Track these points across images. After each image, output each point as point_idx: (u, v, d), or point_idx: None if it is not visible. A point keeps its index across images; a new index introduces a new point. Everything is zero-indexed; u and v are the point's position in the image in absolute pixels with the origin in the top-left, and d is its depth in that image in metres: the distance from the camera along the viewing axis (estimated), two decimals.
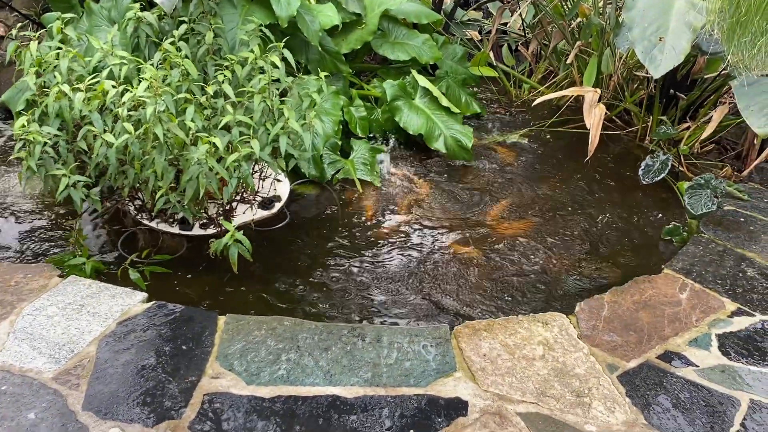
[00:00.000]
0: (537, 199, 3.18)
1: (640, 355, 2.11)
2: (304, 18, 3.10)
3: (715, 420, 1.90)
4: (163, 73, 2.44)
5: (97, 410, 1.77)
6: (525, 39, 4.56)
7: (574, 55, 3.87)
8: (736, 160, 3.52)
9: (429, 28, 3.93)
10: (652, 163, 3.15)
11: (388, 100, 3.41)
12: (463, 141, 3.39)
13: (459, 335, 2.13)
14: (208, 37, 2.71)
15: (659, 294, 2.39)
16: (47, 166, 2.34)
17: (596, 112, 3.26)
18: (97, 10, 2.99)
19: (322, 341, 2.05)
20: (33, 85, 2.44)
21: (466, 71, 3.92)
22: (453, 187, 3.23)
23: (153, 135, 2.27)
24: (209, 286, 2.47)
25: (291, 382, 1.91)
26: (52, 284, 2.21)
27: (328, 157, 3.17)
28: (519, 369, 2.01)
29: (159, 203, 2.37)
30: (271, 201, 2.89)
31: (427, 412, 1.84)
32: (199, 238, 2.64)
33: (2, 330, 2.01)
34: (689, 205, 2.81)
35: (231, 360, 1.96)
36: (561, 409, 1.89)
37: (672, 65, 2.83)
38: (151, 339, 2.02)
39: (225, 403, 1.82)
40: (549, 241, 2.89)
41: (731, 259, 2.61)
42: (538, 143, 3.72)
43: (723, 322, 2.28)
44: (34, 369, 1.88)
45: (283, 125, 2.47)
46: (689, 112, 3.68)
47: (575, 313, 2.28)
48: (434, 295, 2.53)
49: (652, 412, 1.91)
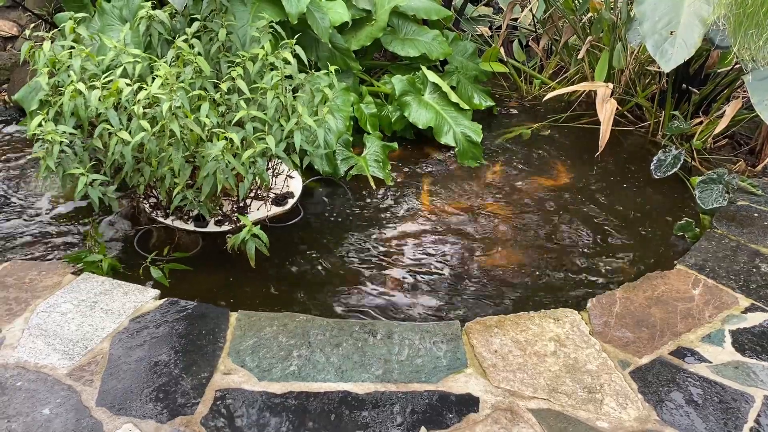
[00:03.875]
0: (547, 194, 3.17)
1: (652, 351, 2.10)
2: (314, 15, 3.11)
3: (728, 416, 1.89)
4: (176, 70, 2.45)
5: (111, 406, 1.79)
6: (536, 34, 4.54)
7: (585, 50, 3.85)
8: (750, 155, 3.49)
9: (439, 24, 3.92)
10: (665, 157, 3.13)
11: (397, 96, 3.41)
12: (472, 137, 3.38)
13: (470, 331, 2.13)
14: (221, 34, 2.72)
15: (672, 290, 2.38)
16: (65, 165, 2.36)
17: (607, 107, 3.24)
18: (109, 9, 3.01)
19: (333, 337, 2.06)
20: (45, 85, 2.46)
21: (476, 67, 3.91)
22: (464, 182, 3.23)
23: (169, 132, 2.28)
24: (224, 282, 2.48)
25: (302, 378, 1.92)
26: (66, 281, 2.24)
27: (341, 154, 3.17)
28: (530, 365, 2.01)
29: (176, 200, 2.39)
30: (285, 197, 2.90)
31: (439, 408, 1.84)
32: (214, 235, 2.66)
33: (17, 327, 2.03)
34: (700, 200, 2.79)
35: (243, 356, 1.97)
36: (573, 406, 1.88)
37: (683, 59, 2.80)
38: (164, 335, 2.03)
39: (237, 399, 1.84)
40: (559, 236, 2.88)
41: (745, 255, 2.59)
42: (549, 138, 3.70)
43: (736, 317, 2.26)
44: (48, 365, 1.91)
45: (296, 121, 2.47)
46: (702, 107, 3.65)
47: (587, 309, 2.27)
48: (446, 290, 2.53)
49: (664, 408, 1.90)
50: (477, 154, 3.40)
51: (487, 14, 4.91)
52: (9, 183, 2.96)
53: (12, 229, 2.69)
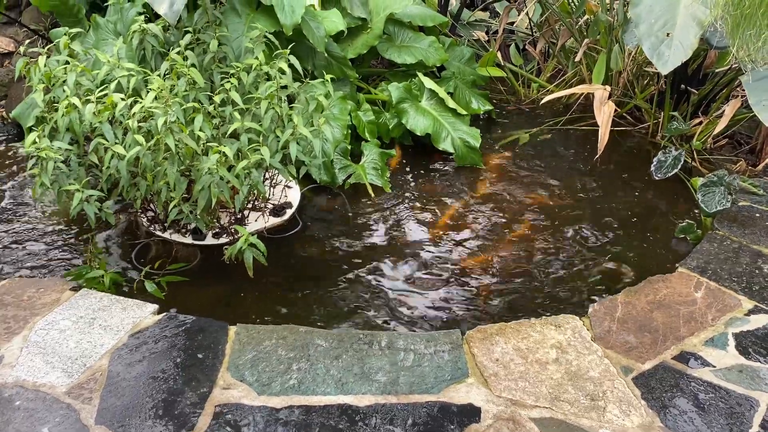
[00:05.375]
0: (546, 198, 3.15)
1: (655, 357, 2.08)
2: (309, 25, 3.10)
3: (733, 421, 1.87)
4: (170, 83, 2.45)
5: (110, 424, 1.78)
6: (533, 38, 4.53)
7: (582, 53, 3.84)
8: (751, 154, 3.47)
9: (435, 31, 3.92)
10: (665, 158, 3.11)
11: (394, 103, 3.40)
12: (470, 142, 3.37)
13: (471, 340, 2.11)
14: (212, 45, 2.72)
15: (674, 293, 2.36)
16: (60, 181, 2.36)
17: (605, 109, 3.23)
18: (103, 23, 3.01)
19: (333, 349, 2.05)
20: (41, 102, 2.46)
21: (474, 72, 3.90)
22: (462, 188, 3.22)
23: (165, 146, 2.27)
24: (223, 295, 2.47)
25: (302, 392, 1.90)
26: (64, 298, 2.23)
27: (339, 162, 3.16)
28: (532, 373, 1.99)
29: (172, 214, 2.38)
30: (283, 208, 2.89)
31: (440, 420, 1.83)
32: (211, 247, 2.65)
33: (15, 345, 2.02)
34: (703, 204, 2.77)
35: (242, 370, 1.96)
36: (575, 414, 1.86)
37: (680, 61, 2.79)
38: (163, 351, 2.02)
39: (237, 414, 1.82)
40: (559, 239, 2.86)
41: (747, 256, 2.57)
42: (547, 141, 3.69)
43: (740, 320, 2.24)
44: (47, 383, 1.89)
45: (292, 131, 2.46)
46: (701, 107, 3.63)
47: (588, 314, 2.25)
48: (446, 298, 2.52)
49: (668, 414, 1.88)
50: (476, 159, 3.39)
51: (484, 19, 4.91)
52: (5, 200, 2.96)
53: (10, 245, 2.68)
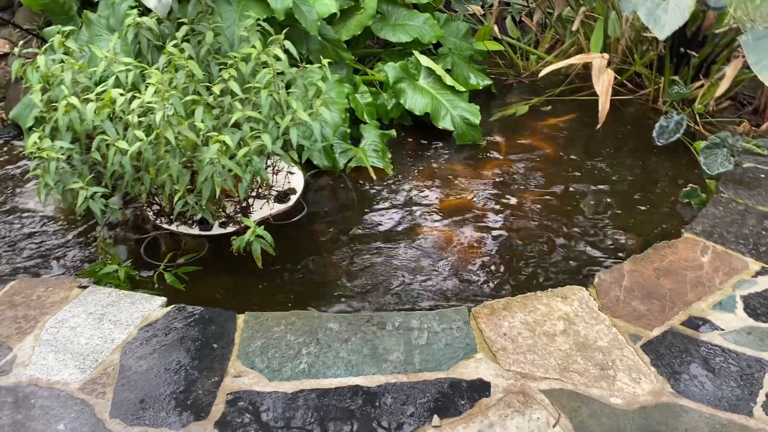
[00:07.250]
0: (550, 169, 3.14)
1: (663, 323, 2.08)
2: (300, 9, 3.08)
3: (744, 383, 1.87)
4: (168, 76, 2.44)
5: (125, 417, 1.80)
6: (529, 9, 4.48)
7: (579, 22, 3.80)
8: (754, 114, 3.44)
9: (429, 7, 3.88)
10: (667, 123, 3.09)
11: (392, 83, 3.38)
12: (470, 119, 3.35)
13: (478, 316, 2.12)
14: (208, 36, 2.70)
15: (680, 259, 2.36)
16: (64, 180, 2.36)
17: (604, 78, 3.20)
18: (95, 19, 3.00)
19: (341, 332, 2.06)
20: (39, 102, 2.46)
21: (471, 47, 3.87)
22: (464, 164, 3.21)
23: (165, 139, 2.28)
24: (232, 284, 2.49)
25: (313, 375, 1.92)
26: (73, 296, 2.25)
27: (339, 146, 3.15)
28: (540, 346, 2.00)
29: (177, 206, 2.39)
30: (287, 194, 2.89)
31: (450, 396, 1.84)
32: (219, 237, 2.66)
33: (27, 344, 2.05)
34: (705, 165, 2.75)
35: (252, 357, 1.98)
36: (585, 384, 1.87)
37: (677, 25, 2.76)
38: (173, 342, 2.04)
39: (249, 401, 1.84)
40: (564, 210, 2.85)
41: (753, 218, 2.55)
42: (548, 113, 3.66)
43: (747, 282, 2.24)
44: (60, 381, 1.92)
45: (292, 117, 2.46)
46: (702, 70, 3.59)
47: (595, 284, 2.25)
48: (453, 275, 2.52)
49: (678, 379, 1.88)
50: (476, 135, 3.37)
51: None
52: (8, 199, 2.98)
53: (17, 245, 2.70)
